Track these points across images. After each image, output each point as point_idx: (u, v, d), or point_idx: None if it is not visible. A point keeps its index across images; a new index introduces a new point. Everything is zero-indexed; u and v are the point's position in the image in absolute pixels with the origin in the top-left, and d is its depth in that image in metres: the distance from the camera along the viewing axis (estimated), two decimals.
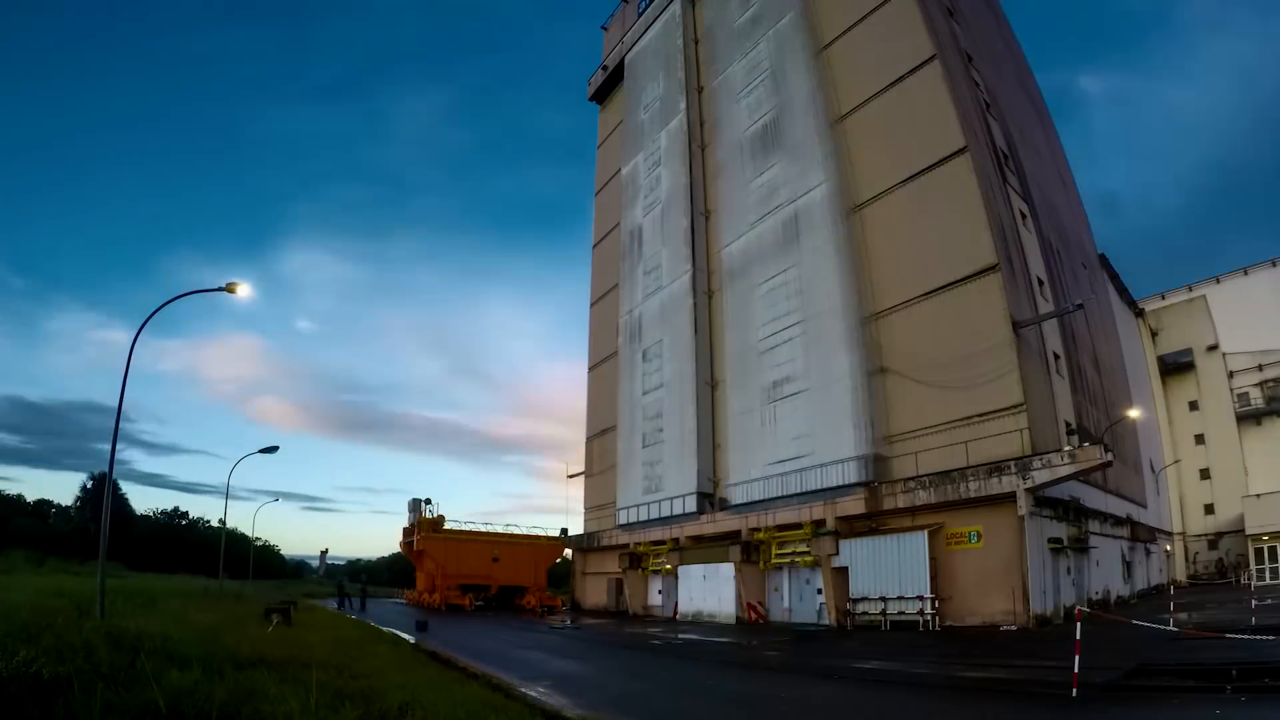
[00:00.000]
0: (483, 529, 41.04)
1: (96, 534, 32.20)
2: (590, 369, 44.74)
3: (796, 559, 25.24)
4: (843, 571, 22.91)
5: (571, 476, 45.09)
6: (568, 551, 42.81)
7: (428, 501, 41.37)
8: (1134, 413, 32.54)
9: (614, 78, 48.20)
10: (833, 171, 27.18)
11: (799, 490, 25.34)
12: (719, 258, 32.41)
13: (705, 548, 28.98)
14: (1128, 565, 28.91)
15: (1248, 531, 38.66)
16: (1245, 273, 50.39)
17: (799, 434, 25.96)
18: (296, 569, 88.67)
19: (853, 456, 23.66)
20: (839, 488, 23.93)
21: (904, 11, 26.54)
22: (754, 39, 33.22)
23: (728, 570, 27.14)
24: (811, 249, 27.16)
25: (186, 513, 67.77)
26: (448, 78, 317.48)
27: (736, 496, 28.40)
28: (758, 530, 26.88)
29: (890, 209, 25.69)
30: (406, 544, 40.66)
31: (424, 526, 38.55)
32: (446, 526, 39.62)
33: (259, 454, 31.92)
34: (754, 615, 26.13)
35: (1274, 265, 49.11)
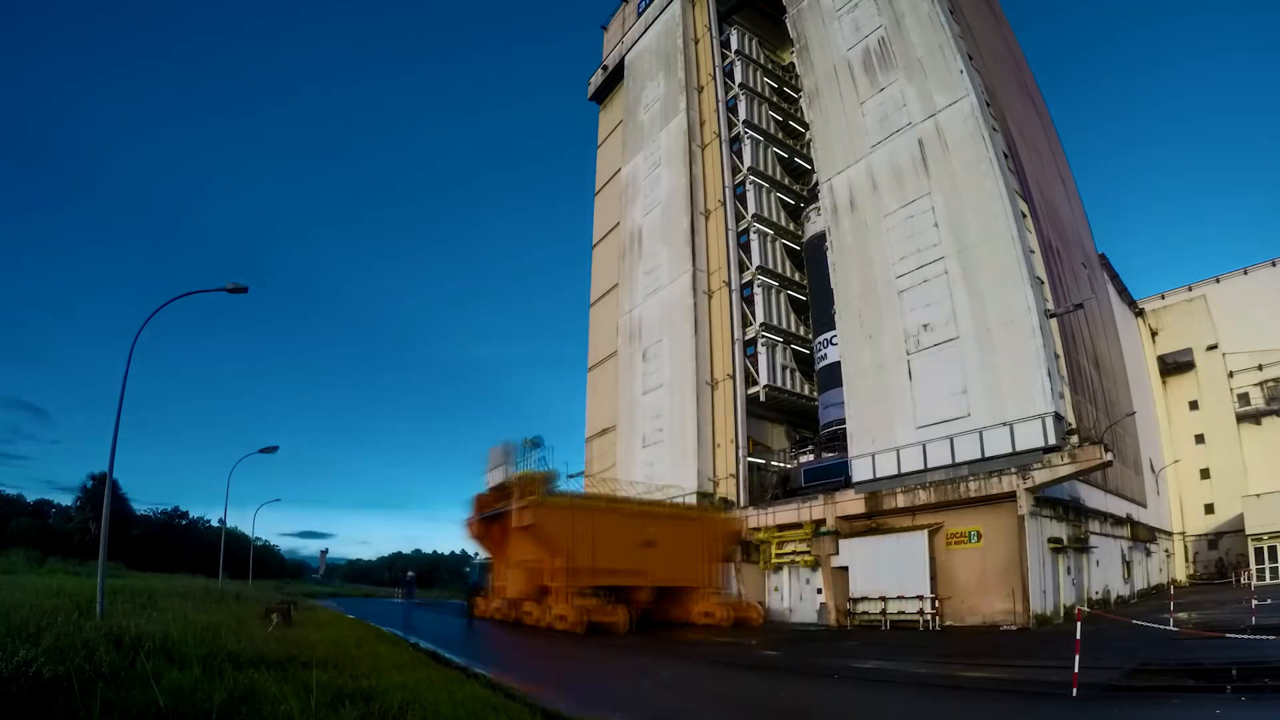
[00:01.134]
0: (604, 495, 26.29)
1: (96, 534, 32.17)
2: (590, 369, 44.71)
3: (796, 559, 25.24)
4: (843, 571, 22.90)
5: (571, 477, 45.01)
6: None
7: (535, 443, 25.77)
8: (1134, 413, 32.53)
9: (614, 78, 48.19)
10: (976, 83, 24.21)
11: (950, 462, 21.69)
12: (825, 190, 28.58)
13: None
14: (1128, 565, 28.90)
15: (1248, 531, 38.61)
16: (1245, 273, 50.32)
17: (954, 390, 22.10)
18: (296, 569, 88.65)
19: (1041, 414, 19.93)
20: (1018, 454, 20.15)
21: None
22: None
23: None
24: (954, 172, 23.82)
25: (186, 513, 67.63)
26: (447, 78, 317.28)
27: (863, 472, 24.23)
28: (758, 530, 26.86)
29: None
30: (486, 520, 25.74)
31: (530, 486, 22.97)
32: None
33: (259, 453, 31.93)
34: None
35: (1274, 265, 49.07)
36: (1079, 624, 9.75)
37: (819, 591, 24.21)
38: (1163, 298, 53.25)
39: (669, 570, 24.19)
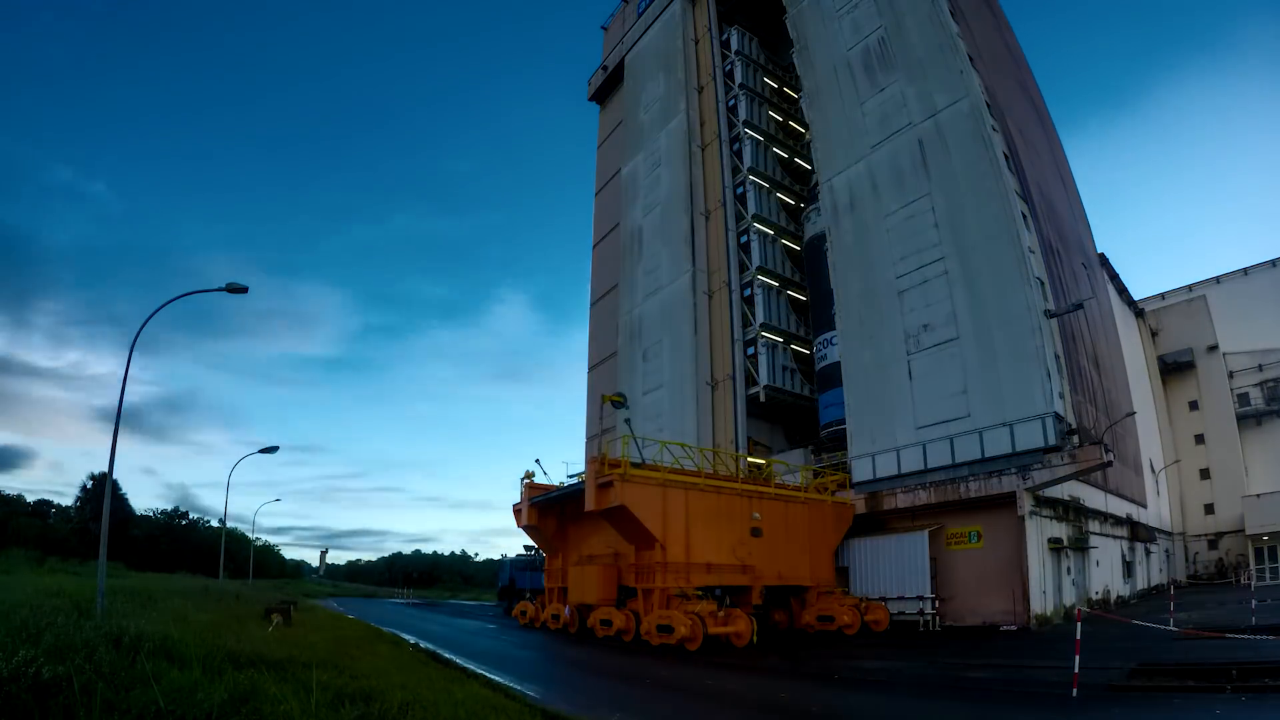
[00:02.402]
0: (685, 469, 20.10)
1: (96, 534, 32.18)
2: (590, 369, 44.71)
3: None
4: (843, 571, 22.90)
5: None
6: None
7: (618, 401, 23.17)
8: (1134, 413, 32.53)
9: (614, 78, 48.20)
10: (976, 83, 24.18)
11: (950, 462, 21.63)
12: (825, 191, 28.64)
13: None
14: (1128, 565, 28.91)
15: (1248, 531, 38.66)
16: (1245, 273, 50.46)
17: (954, 390, 22.11)
18: (296, 569, 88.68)
19: (1041, 414, 19.93)
20: (1018, 454, 20.07)
21: None
22: None
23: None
24: (954, 172, 23.81)
25: (186, 513, 67.54)
26: (444, 77, 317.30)
27: (863, 472, 24.29)
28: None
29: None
30: (544, 505, 22.32)
31: (613, 457, 18.90)
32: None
33: (259, 454, 31.92)
34: None
35: (1274, 265, 49.17)
36: (1079, 624, 9.75)
37: None
38: (1163, 298, 53.31)
39: (778, 564, 19.98)
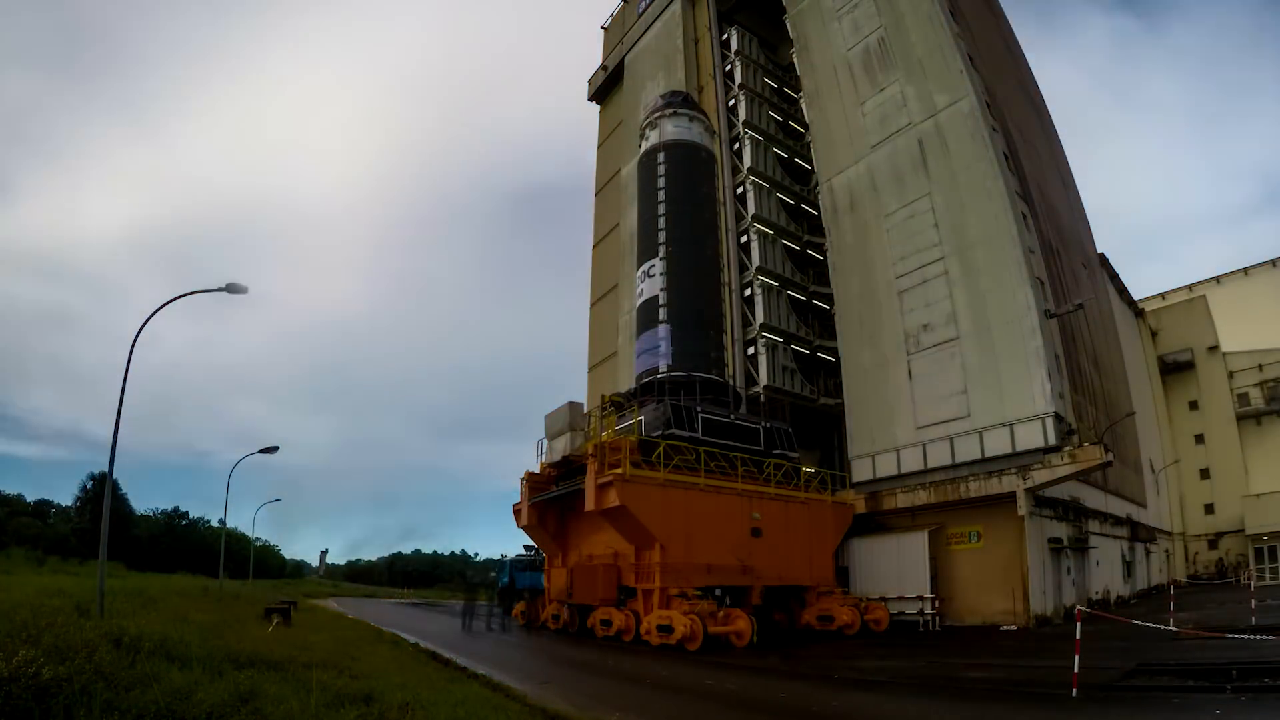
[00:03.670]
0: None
1: (96, 534, 32.16)
2: (590, 369, 44.71)
3: None
4: (843, 571, 22.90)
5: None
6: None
7: (612, 403, 21.95)
8: (1134, 413, 32.52)
9: (614, 78, 48.20)
10: (976, 83, 24.23)
11: (950, 462, 21.64)
12: (825, 191, 28.88)
13: None
14: (1128, 565, 28.90)
15: (1248, 531, 38.69)
16: (1245, 273, 50.48)
17: (954, 391, 22.08)
18: (297, 569, 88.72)
19: (1041, 414, 19.92)
20: (1018, 454, 20.06)
21: None
22: None
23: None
24: (954, 172, 23.83)
25: (186, 513, 67.64)
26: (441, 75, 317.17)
27: (861, 473, 24.47)
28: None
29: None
30: (543, 505, 22.94)
31: (615, 456, 18.32)
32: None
33: (259, 454, 31.88)
34: None
35: (1274, 265, 49.21)
36: (1079, 624, 9.75)
37: None
38: (1163, 298, 53.35)
39: (778, 565, 20.05)
